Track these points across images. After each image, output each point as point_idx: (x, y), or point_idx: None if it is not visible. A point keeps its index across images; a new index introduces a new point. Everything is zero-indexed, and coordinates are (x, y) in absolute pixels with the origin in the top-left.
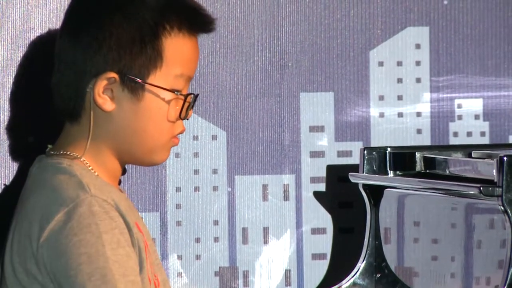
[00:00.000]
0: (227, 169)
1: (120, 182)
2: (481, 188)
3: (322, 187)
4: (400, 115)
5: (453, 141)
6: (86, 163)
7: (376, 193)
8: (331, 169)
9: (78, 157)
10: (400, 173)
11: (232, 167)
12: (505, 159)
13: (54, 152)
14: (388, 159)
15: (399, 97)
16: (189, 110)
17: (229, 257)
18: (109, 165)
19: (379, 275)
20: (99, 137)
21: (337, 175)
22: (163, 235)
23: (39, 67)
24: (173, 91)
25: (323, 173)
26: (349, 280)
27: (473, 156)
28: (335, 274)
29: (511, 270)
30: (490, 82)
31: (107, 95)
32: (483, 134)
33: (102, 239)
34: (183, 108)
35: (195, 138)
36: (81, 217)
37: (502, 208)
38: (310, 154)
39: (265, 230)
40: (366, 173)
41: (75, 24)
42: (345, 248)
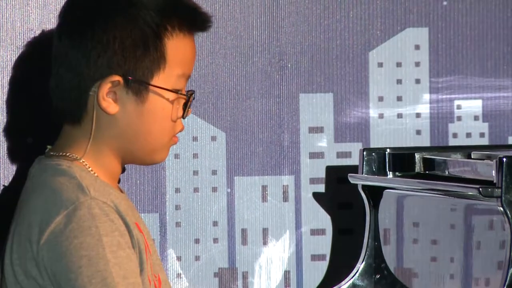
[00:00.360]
0: (226, 170)
1: (120, 181)
2: (481, 189)
3: (321, 188)
4: (400, 116)
5: (452, 142)
6: (85, 164)
7: (376, 194)
8: (330, 170)
9: (78, 158)
10: (400, 174)
11: (231, 168)
12: (504, 160)
13: (53, 153)
14: (387, 160)
15: (399, 98)
16: (189, 108)
17: (228, 258)
18: (109, 166)
19: (378, 276)
20: (101, 139)
21: (337, 176)
22: (162, 236)
23: (38, 68)
24: (175, 91)
25: (322, 174)
26: (348, 281)
27: (472, 157)
28: (334, 275)
29: (510, 271)
30: (490, 83)
31: (110, 98)
32: (482, 135)
33: (102, 241)
34: (186, 107)
35: (195, 139)
36: (81, 220)
37: (502, 209)
38: (310, 155)
39: (265, 231)
40: (366, 174)
41: (76, 28)
42: (344, 249)
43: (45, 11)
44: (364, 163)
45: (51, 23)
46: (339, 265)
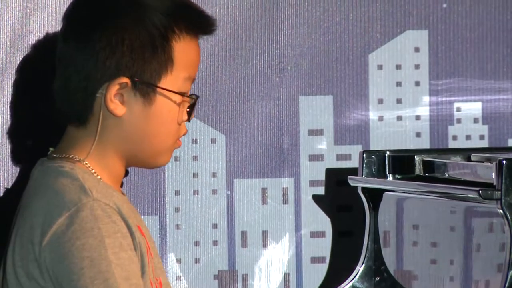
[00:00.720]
0: (226, 173)
1: (122, 184)
2: (480, 192)
3: (321, 190)
4: (399, 118)
5: (452, 144)
6: (88, 166)
7: (375, 196)
8: (330, 172)
9: (81, 160)
10: (399, 177)
11: (231, 170)
12: (504, 162)
13: (56, 155)
14: (387, 162)
15: (398, 101)
16: (193, 112)
17: (228, 260)
18: (113, 169)
19: (378, 278)
20: (106, 141)
21: (336, 178)
22: (162, 239)
23: (38, 71)
24: (182, 94)
25: (322, 177)
26: (348, 284)
27: (472, 159)
28: (334, 278)
29: (510, 273)
30: (489, 86)
31: (117, 100)
32: (482, 137)
33: (104, 243)
34: (192, 110)
35: (194, 141)
36: (83, 221)
37: (501, 211)
38: (309, 158)
39: (264, 234)
40: (365, 176)
41: (83, 29)
42: (344, 251)
43: (44, 14)
44: (364, 165)
45: (50, 25)
46: (339, 267)
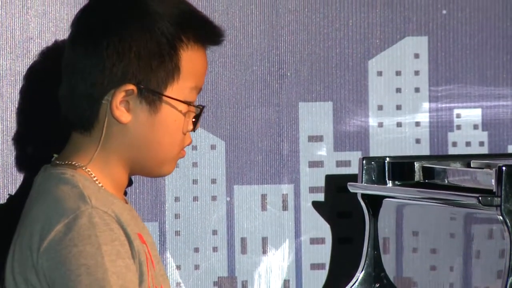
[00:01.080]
0: (226, 179)
1: (126, 194)
2: (480, 198)
3: (321, 197)
4: (399, 124)
5: (452, 151)
6: (91, 173)
7: (375, 203)
8: (330, 179)
9: (82, 166)
10: (399, 183)
11: (231, 176)
12: (504, 169)
13: (59, 161)
14: (387, 169)
15: (398, 107)
16: (198, 122)
17: (228, 267)
18: (116, 176)
19: (377, 285)
20: (110, 148)
21: (336, 185)
22: (161, 245)
23: (39, 77)
24: (188, 103)
25: (322, 183)
26: None
27: (472, 166)
28: (334, 284)
29: (509, 279)
30: (489, 92)
31: (123, 107)
32: (482, 144)
33: (101, 250)
34: (197, 120)
35: (194, 148)
36: (81, 229)
37: (501, 218)
38: (309, 164)
39: (264, 240)
40: (365, 183)
41: (91, 36)
42: (344, 258)
43: (44, 20)
44: (364, 172)
45: (50, 31)
46: (338, 274)
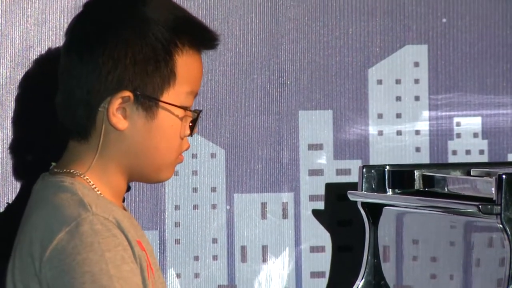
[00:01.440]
0: (226, 187)
1: (124, 200)
2: (480, 206)
3: (321, 205)
4: (399, 133)
5: (452, 159)
6: (89, 181)
7: (375, 211)
8: (330, 187)
9: (80, 174)
10: (399, 191)
11: (231, 185)
12: (503, 177)
13: (57, 170)
14: (386, 177)
15: (398, 115)
16: (195, 127)
17: (228, 275)
18: (114, 183)
19: None
20: (107, 155)
21: (336, 193)
22: (161, 253)
23: (39, 85)
24: (184, 108)
25: (322, 191)
26: None
27: (472, 174)
28: None
29: None
30: (489, 100)
31: (120, 114)
32: (481, 152)
33: (105, 257)
34: (194, 124)
35: (194, 156)
36: (83, 236)
37: (501, 226)
38: (309, 172)
39: (264, 248)
40: (365, 191)
41: (86, 43)
42: (344, 266)
43: (44, 28)
44: (364, 180)
45: (50, 40)
46: (338, 282)
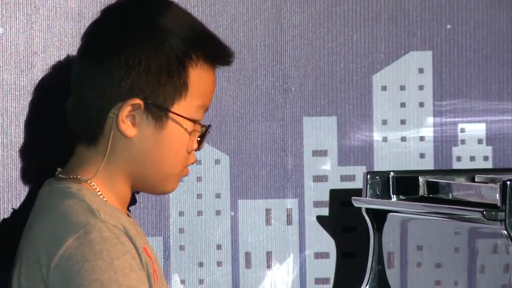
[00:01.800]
0: (230, 193)
1: (130, 211)
2: (484, 213)
3: (325, 211)
4: (403, 139)
5: (456, 165)
6: (95, 187)
7: (379, 217)
8: (334, 193)
9: (87, 180)
10: (403, 198)
11: (235, 191)
12: (508, 183)
13: (63, 175)
14: (391, 183)
15: (402, 122)
16: (203, 141)
17: (232, 281)
18: (119, 191)
19: None
20: (114, 162)
21: (340, 199)
22: (166, 260)
23: (43, 91)
24: (194, 121)
25: (326, 198)
26: None
27: (476, 180)
28: None
29: None
30: (493, 107)
31: (129, 121)
32: (486, 158)
33: (114, 265)
34: (202, 139)
35: (198, 162)
36: (92, 243)
37: (505, 232)
38: (313, 179)
39: (268, 255)
40: (369, 197)
41: (102, 48)
42: (348, 272)
43: (48, 35)
44: (368, 186)
45: (55, 46)
46: None
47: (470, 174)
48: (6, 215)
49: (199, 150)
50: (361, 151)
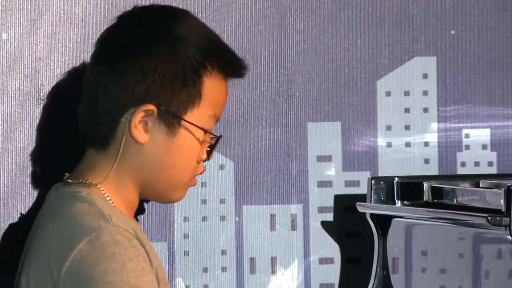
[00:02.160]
0: (234, 199)
1: (137, 220)
2: (489, 218)
3: (329, 217)
4: (408, 144)
5: (460, 171)
6: (104, 192)
7: (384, 223)
8: (338, 198)
9: (96, 185)
10: (408, 203)
11: (239, 196)
12: None
13: (71, 180)
14: (395, 188)
15: (407, 127)
16: (212, 152)
17: (236, 287)
18: (127, 197)
19: None
20: (124, 167)
21: (345, 204)
22: (170, 265)
23: (47, 97)
24: (206, 131)
25: (330, 203)
26: None
27: (480, 186)
28: None
29: None
30: (498, 112)
31: (141, 127)
32: (490, 164)
33: (126, 267)
34: (212, 150)
35: None
36: (104, 246)
37: (510, 237)
38: (318, 184)
39: (273, 260)
40: (374, 202)
41: (117, 53)
42: (352, 278)
43: (53, 40)
44: (372, 191)
45: (59, 52)
46: None
47: (474, 179)
48: (10, 221)
49: (208, 161)
50: (365, 157)
